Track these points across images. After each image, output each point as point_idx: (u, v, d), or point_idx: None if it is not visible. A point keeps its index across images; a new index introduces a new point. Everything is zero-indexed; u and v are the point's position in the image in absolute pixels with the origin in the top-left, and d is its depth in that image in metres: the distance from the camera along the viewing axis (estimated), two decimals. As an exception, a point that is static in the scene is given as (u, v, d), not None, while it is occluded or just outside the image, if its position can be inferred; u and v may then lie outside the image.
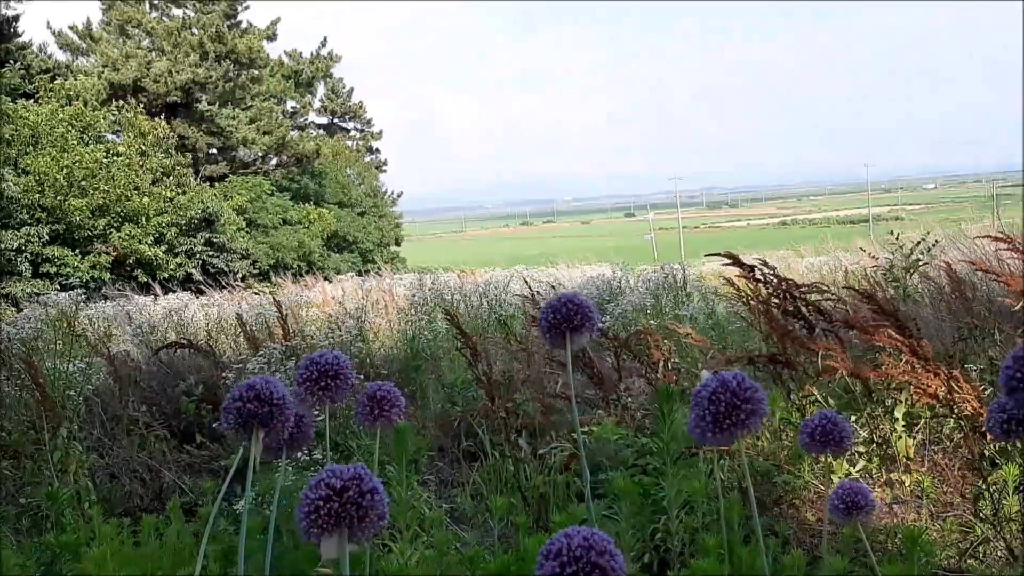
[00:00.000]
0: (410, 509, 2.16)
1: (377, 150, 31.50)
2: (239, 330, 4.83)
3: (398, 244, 28.15)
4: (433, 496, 2.85)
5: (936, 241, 5.87)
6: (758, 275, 2.55)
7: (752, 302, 2.81)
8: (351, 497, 0.79)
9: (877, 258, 5.75)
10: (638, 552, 2.21)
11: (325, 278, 11.84)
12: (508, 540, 2.51)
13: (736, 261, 2.55)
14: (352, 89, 30.62)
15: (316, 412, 1.23)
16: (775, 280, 2.53)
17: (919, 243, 5.49)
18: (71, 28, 22.47)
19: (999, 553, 1.94)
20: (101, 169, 14.92)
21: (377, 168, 30.54)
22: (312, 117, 29.55)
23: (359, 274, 14.43)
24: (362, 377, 3.07)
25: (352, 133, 31.23)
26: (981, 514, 2.09)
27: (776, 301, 2.54)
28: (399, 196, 30.31)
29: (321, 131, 29.54)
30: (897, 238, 5.59)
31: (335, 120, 30.74)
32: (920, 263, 5.25)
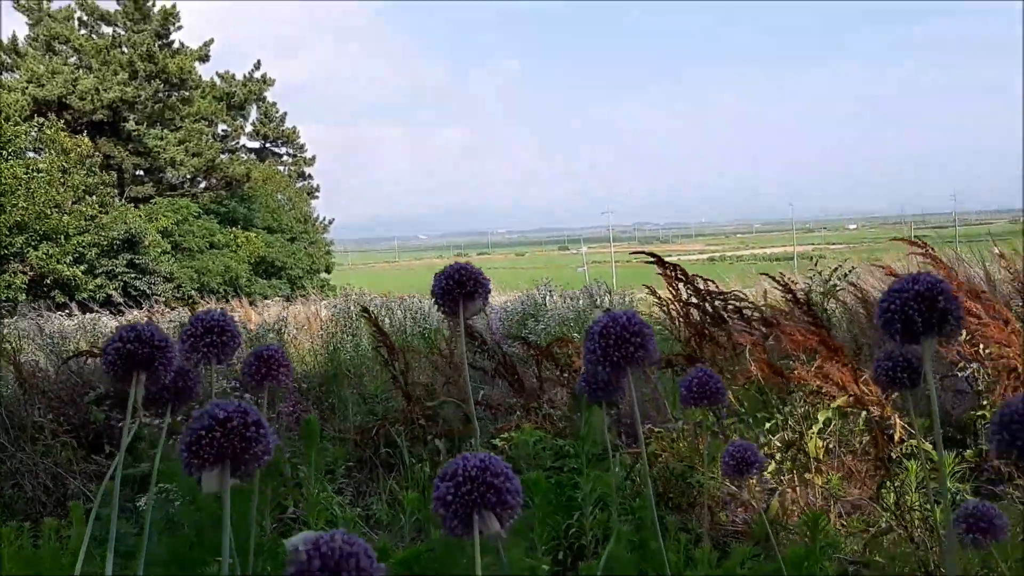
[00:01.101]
0: (320, 508, 2.12)
1: (309, 176, 31.23)
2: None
3: (328, 271, 27.83)
4: (348, 504, 2.79)
5: (852, 268, 6.05)
6: (679, 274, 2.59)
7: (672, 307, 2.85)
8: (235, 428, 0.77)
9: (796, 282, 5.89)
10: (551, 548, 2.19)
11: (251, 303, 11.63)
12: (419, 541, 2.47)
13: (659, 260, 2.58)
14: (285, 114, 30.37)
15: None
16: (695, 283, 2.57)
17: (836, 269, 5.65)
18: (-5, 42, 21.88)
19: (903, 545, 1.99)
20: (20, 186, 14.46)
21: (309, 194, 30.26)
22: (244, 141, 29.19)
23: (287, 300, 14.23)
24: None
25: (284, 158, 30.91)
26: (883, 503, 2.14)
27: (695, 303, 2.57)
28: (331, 223, 30.06)
29: (252, 155, 29.17)
30: (816, 264, 5.75)
31: (267, 145, 30.39)
32: (836, 288, 5.41)
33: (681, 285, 2.78)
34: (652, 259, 2.61)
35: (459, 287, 1.06)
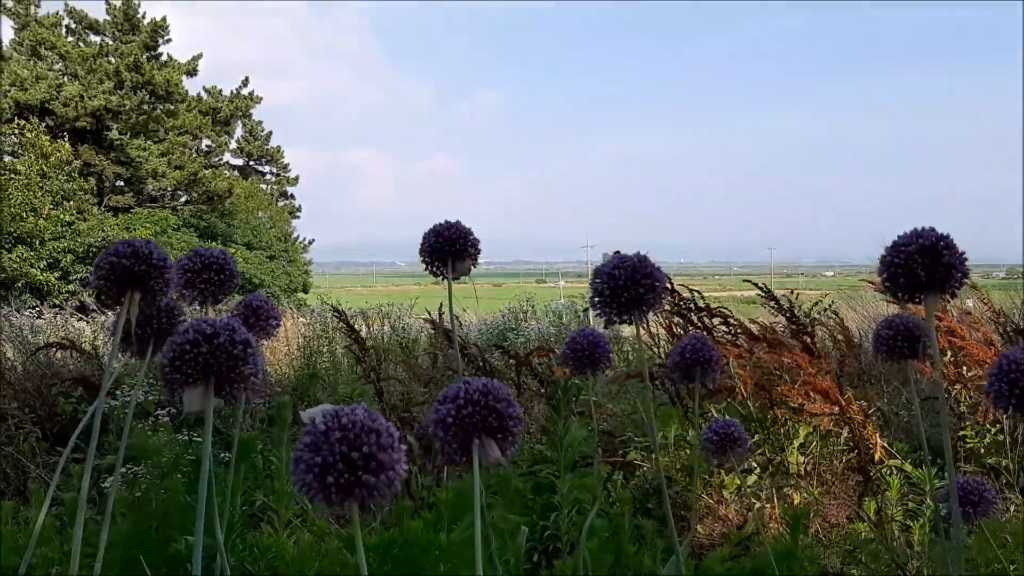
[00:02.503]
0: (290, 498, 2.07)
1: (292, 196, 31.13)
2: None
3: (306, 291, 27.63)
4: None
5: (833, 301, 6.09)
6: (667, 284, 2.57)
7: (655, 321, 2.83)
8: (222, 345, 0.73)
9: (776, 315, 5.92)
10: (526, 549, 2.15)
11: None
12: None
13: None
14: (270, 133, 30.28)
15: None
16: (679, 293, 2.55)
17: (816, 304, 5.68)
18: (-20, 45, 21.72)
19: (882, 556, 1.96)
20: (-4, 187, 14.30)
21: (290, 213, 30.14)
22: (227, 157, 29.05)
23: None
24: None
25: (268, 176, 30.80)
26: (864, 514, 2.12)
27: (678, 312, 2.55)
28: (311, 243, 29.93)
29: (235, 172, 29.04)
30: (796, 297, 5.78)
31: (251, 162, 30.28)
32: (815, 321, 5.43)
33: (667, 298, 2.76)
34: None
35: (448, 244, 1.03)
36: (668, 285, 2.95)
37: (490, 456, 0.69)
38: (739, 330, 2.70)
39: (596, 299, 0.89)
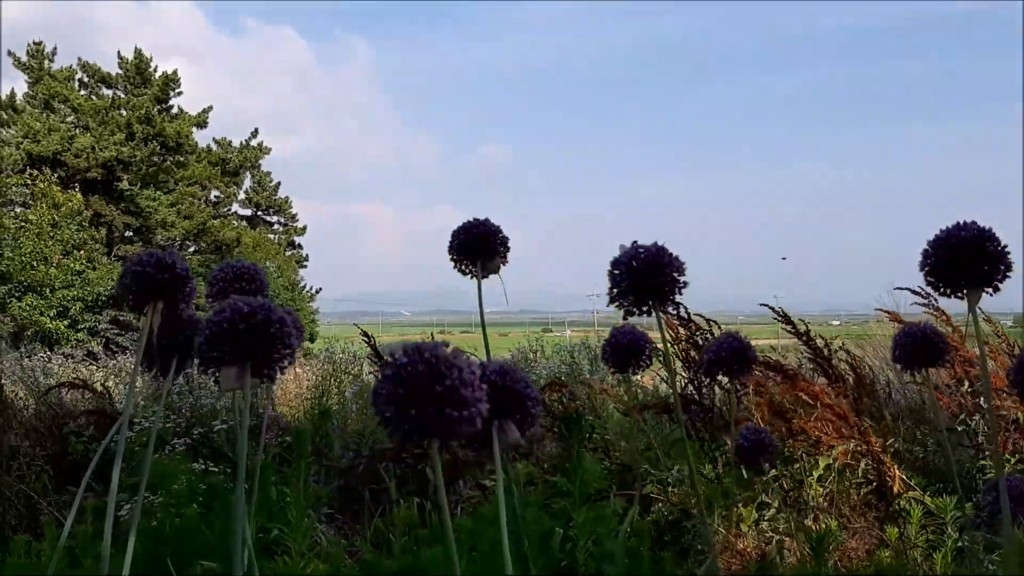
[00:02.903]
0: (304, 531, 2.06)
1: (299, 245, 31.28)
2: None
3: (312, 340, 27.61)
4: (333, 536, 2.71)
5: (843, 343, 6.08)
6: (680, 313, 2.57)
7: (673, 350, 2.83)
8: (258, 323, 0.74)
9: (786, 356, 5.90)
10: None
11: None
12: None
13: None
14: (279, 183, 30.54)
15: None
16: (695, 323, 2.55)
17: (825, 344, 5.67)
18: (-6, 97, 22.07)
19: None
20: (7, 236, 14.41)
21: (298, 263, 30.26)
22: (236, 208, 29.27)
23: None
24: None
25: (275, 227, 30.99)
26: (882, 545, 2.09)
27: (696, 342, 2.55)
28: (318, 291, 30.00)
29: (244, 222, 29.24)
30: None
31: (259, 212, 30.49)
32: (832, 353, 5.41)
33: (681, 328, 2.76)
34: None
35: (478, 242, 1.02)
36: (685, 277, 2.96)
37: (510, 437, 0.69)
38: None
39: (614, 290, 0.88)
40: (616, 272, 0.86)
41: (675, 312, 2.60)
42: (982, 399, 2.31)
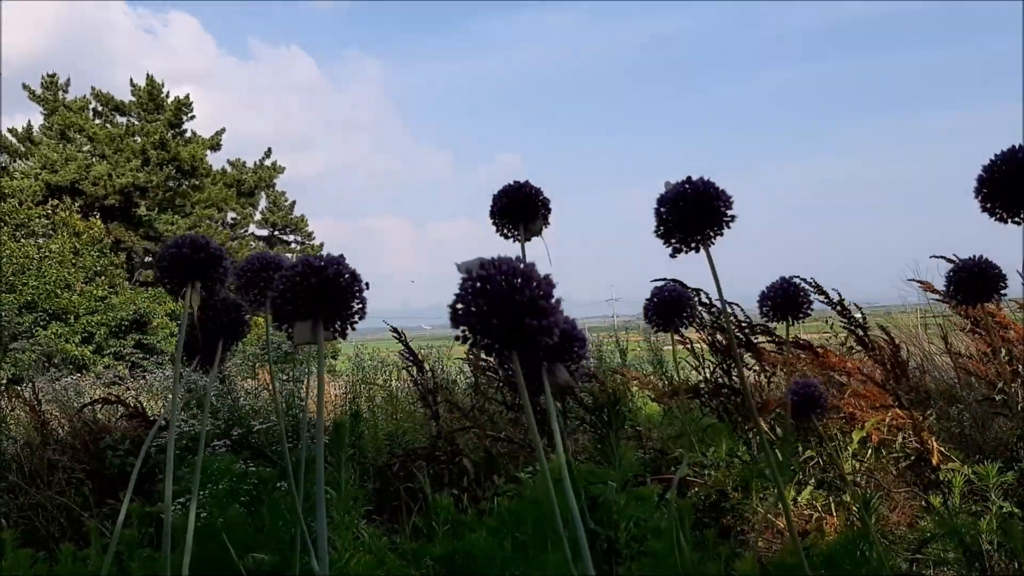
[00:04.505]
0: (348, 528, 2.08)
1: (317, 262, 31.41)
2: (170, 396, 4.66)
3: (334, 357, 27.70)
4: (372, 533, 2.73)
5: (870, 325, 6.05)
6: (702, 299, 2.57)
7: (699, 338, 2.83)
8: (331, 276, 0.74)
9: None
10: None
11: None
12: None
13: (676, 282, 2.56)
14: (294, 202, 30.71)
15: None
16: (716, 306, 2.55)
17: (860, 312, 5.64)
18: (10, 131, 22.36)
19: (948, 554, 1.93)
20: (31, 266, 14.59)
21: (316, 280, 30.40)
22: (253, 228, 29.45)
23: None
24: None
25: (292, 245, 31.16)
26: (926, 502, 2.08)
27: (720, 331, 2.55)
28: (337, 308, 30.10)
29: (261, 243, 29.41)
30: (832, 327, 5.75)
31: (276, 232, 30.66)
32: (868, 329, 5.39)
33: (706, 314, 2.76)
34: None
35: (519, 205, 1.03)
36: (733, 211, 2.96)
37: (559, 379, 0.70)
38: (785, 343, 2.69)
39: (660, 228, 0.88)
40: (662, 210, 0.86)
41: (696, 297, 2.60)
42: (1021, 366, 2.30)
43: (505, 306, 0.54)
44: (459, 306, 0.55)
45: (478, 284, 0.55)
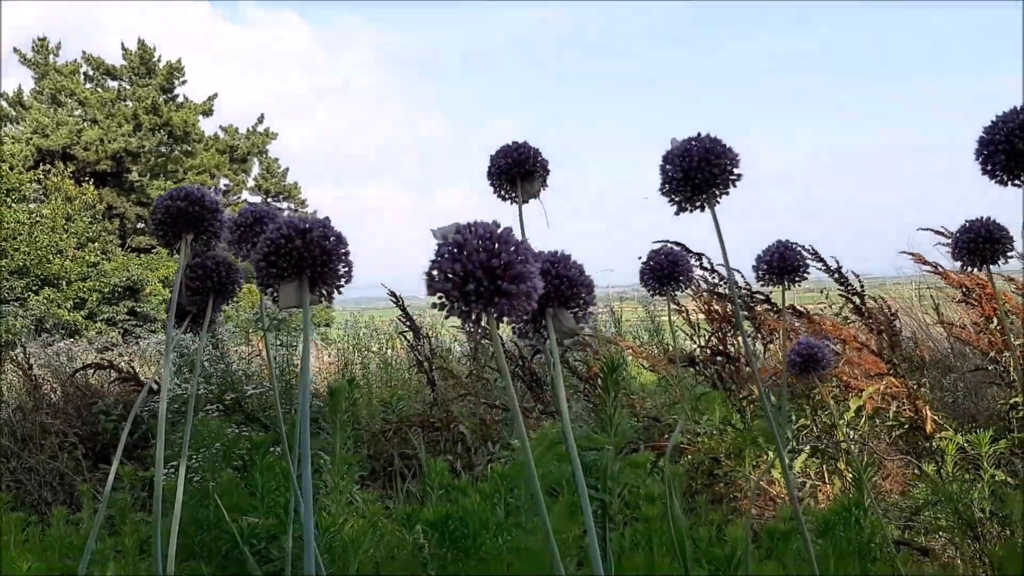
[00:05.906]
0: (343, 492, 2.08)
1: (310, 230, 31.31)
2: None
3: (328, 326, 27.71)
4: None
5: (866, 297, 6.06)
6: (703, 264, 2.56)
7: (695, 305, 2.82)
8: (315, 239, 0.73)
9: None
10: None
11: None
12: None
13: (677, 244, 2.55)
14: (287, 169, 30.53)
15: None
16: (719, 272, 2.54)
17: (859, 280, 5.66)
18: (1, 95, 22.13)
19: (940, 521, 1.94)
20: (23, 231, 14.51)
21: (310, 248, 30.33)
22: (246, 195, 29.30)
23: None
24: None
25: (286, 212, 31.00)
26: (920, 469, 2.09)
27: (718, 292, 2.55)
28: (331, 276, 30.06)
29: (254, 209, 29.26)
30: (827, 297, 5.75)
31: (269, 199, 30.53)
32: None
33: (703, 282, 2.75)
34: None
35: (517, 165, 1.01)
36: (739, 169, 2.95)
37: (565, 325, 0.69)
38: (781, 311, 2.69)
39: (665, 186, 0.86)
40: (668, 167, 0.85)
41: (697, 262, 2.59)
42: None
43: (480, 272, 0.52)
44: (434, 272, 0.54)
45: (453, 249, 0.53)
